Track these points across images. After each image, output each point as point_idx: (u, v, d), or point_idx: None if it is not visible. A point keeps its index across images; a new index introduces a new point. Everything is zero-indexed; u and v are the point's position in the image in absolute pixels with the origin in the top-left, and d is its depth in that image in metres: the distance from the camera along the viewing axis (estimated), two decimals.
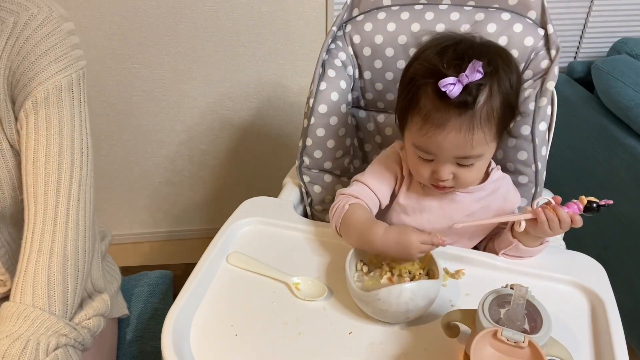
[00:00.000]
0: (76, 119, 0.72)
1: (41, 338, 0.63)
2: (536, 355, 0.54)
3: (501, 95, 0.74)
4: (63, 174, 0.70)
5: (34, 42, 0.68)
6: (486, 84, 0.72)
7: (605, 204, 0.74)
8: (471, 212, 0.87)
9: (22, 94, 0.69)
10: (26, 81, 0.68)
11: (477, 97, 0.71)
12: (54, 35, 0.69)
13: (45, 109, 0.69)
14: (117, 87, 1.59)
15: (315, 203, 1.05)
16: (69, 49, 0.71)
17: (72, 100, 0.72)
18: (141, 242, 1.94)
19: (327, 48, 0.98)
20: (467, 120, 0.72)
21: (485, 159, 0.80)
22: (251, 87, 1.64)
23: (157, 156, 1.75)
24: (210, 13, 1.49)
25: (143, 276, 1.07)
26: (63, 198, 0.70)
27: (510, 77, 0.76)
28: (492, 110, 0.73)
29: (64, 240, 0.69)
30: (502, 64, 0.75)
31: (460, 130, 0.72)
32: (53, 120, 0.70)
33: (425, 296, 0.68)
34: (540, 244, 0.80)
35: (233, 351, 0.67)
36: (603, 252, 1.43)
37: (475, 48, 0.75)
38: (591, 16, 1.62)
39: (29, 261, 0.67)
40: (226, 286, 0.78)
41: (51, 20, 0.70)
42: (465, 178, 0.79)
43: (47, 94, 0.69)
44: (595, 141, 1.44)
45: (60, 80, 0.70)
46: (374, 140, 1.11)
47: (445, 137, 0.73)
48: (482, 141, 0.75)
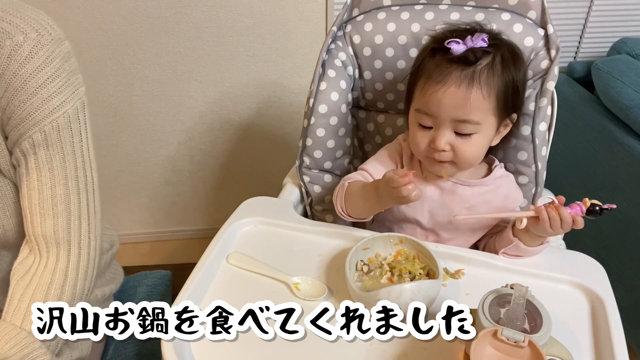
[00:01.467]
0: (78, 156, 0.68)
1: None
2: (536, 354, 0.54)
3: (504, 68, 0.78)
4: (72, 216, 0.69)
5: (23, 79, 0.60)
6: (489, 53, 0.77)
7: (609, 207, 0.74)
8: (471, 205, 0.88)
9: (14, 132, 0.63)
10: (18, 121, 0.62)
11: (479, 58, 0.76)
12: (45, 67, 0.61)
13: (45, 150, 0.65)
14: (117, 87, 1.59)
15: (315, 203, 1.05)
16: (64, 80, 0.64)
17: (72, 137, 0.66)
18: (141, 242, 1.94)
19: (327, 48, 0.98)
20: (467, 76, 0.76)
21: (483, 134, 0.80)
22: (251, 87, 1.64)
23: (157, 156, 1.75)
24: (210, 13, 1.49)
25: (142, 276, 1.07)
26: (74, 241, 0.70)
27: (515, 62, 0.80)
28: (493, 76, 0.77)
29: (74, 284, 0.70)
30: (507, 49, 0.80)
31: (459, 85, 0.76)
32: (55, 162, 0.66)
33: (425, 296, 0.68)
34: (541, 244, 0.80)
35: (233, 351, 0.67)
36: (603, 252, 1.43)
37: (485, 30, 0.80)
38: (591, 16, 1.62)
39: (29, 286, 0.68)
40: (226, 286, 0.78)
41: (41, 48, 0.61)
42: (464, 151, 0.79)
43: (44, 135, 0.63)
44: (595, 141, 1.44)
45: (57, 120, 0.63)
46: (374, 140, 1.11)
47: (445, 92, 0.76)
48: (480, 105, 0.77)
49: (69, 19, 1.44)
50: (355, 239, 0.81)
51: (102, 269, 0.91)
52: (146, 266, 1.70)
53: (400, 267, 0.75)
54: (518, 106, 0.84)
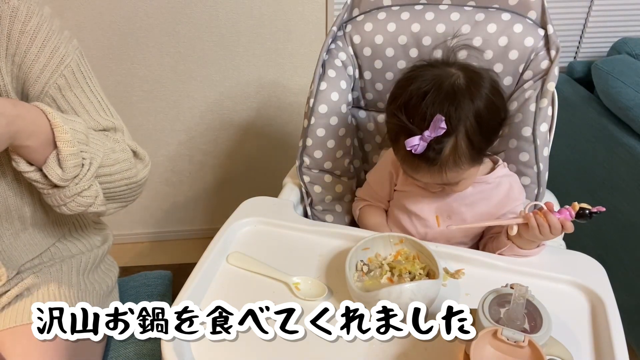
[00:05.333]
0: (96, 94, 0.78)
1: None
2: (536, 354, 0.54)
3: (468, 138, 0.76)
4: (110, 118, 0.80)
5: (30, 35, 0.68)
6: (451, 134, 0.75)
7: (598, 210, 0.74)
8: (471, 202, 0.89)
9: (37, 83, 0.70)
10: (38, 72, 0.69)
11: (441, 151, 0.76)
12: (43, 24, 0.69)
13: (70, 91, 0.73)
14: (117, 87, 1.59)
15: (315, 203, 1.05)
16: (59, 34, 0.72)
17: (84, 79, 0.75)
18: (141, 242, 1.94)
19: (328, 48, 0.98)
20: (435, 169, 0.78)
21: (470, 178, 0.84)
22: (251, 87, 1.64)
23: (157, 156, 1.75)
24: (210, 13, 1.49)
25: (142, 276, 1.07)
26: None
27: (478, 111, 0.76)
28: (460, 155, 0.77)
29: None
30: (468, 102, 0.76)
31: (432, 175, 0.79)
32: (83, 99, 0.75)
33: (425, 296, 0.68)
34: (538, 246, 0.81)
35: (233, 351, 0.67)
36: (603, 252, 1.43)
37: (440, 93, 0.75)
38: (591, 16, 1.62)
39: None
40: (226, 286, 0.78)
41: (33, 8, 0.69)
42: (454, 191, 0.86)
43: (65, 79, 0.72)
44: (595, 141, 1.44)
45: (70, 64, 0.72)
46: (374, 141, 1.11)
47: (422, 177, 0.81)
48: (457, 174, 0.79)
49: (69, 19, 1.44)
50: (355, 239, 0.81)
51: (97, 262, 0.93)
52: (146, 266, 1.70)
53: (400, 267, 0.75)
54: (498, 136, 0.84)
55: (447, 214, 0.90)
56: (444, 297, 0.75)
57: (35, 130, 0.63)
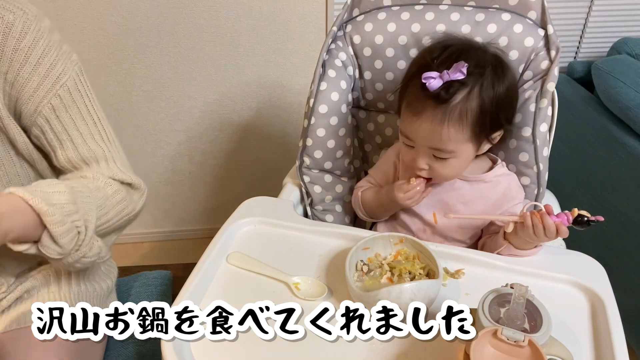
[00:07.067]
0: (92, 113, 0.75)
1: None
2: (536, 354, 0.54)
3: (481, 99, 0.77)
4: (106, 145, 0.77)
5: (24, 52, 0.66)
6: (467, 85, 0.76)
7: (596, 220, 0.74)
8: (467, 200, 0.89)
9: (30, 103, 0.68)
10: (31, 91, 0.68)
11: (453, 95, 0.75)
12: (40, 40, 0.67)
13: (65, 112, 0.71)
14: (117, 87, 1.59)
15: (315, 203, 1.05)
16: (57, 50, 0.70)
17: (82, 97, 0.73)
18: (141, 242, 1.94)
19: (328, 48, 0.98)
20: (440, 113, 0.77)
21: (461, 158, 0.83)
22: (251, 87, 1.64)
23: (157, 156, 1.75)
24: (210, 13, 1.49)
25: (142, 276, 1.07)
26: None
27: (497, 86, 0.78)
28: (467, 111, 0.77)
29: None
30: (491, 71, 0.78)
31: (432, 121, 0.77)
32: (77, 121, 0.73)
33: (425, 296, 0.68)
34: (535, 247, 0.81)
35: (233, 351, 0.67)
36: (603, 252, 1.43)
37: (469, 50, 0.79)
38: (591, 16, 1.62)
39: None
40: (226, 286, 0.78)
41: (30, 24, 0.67)
42: (439, 171, 0.84)
43: (60, 99, 0.70)
44: (595, 141, 1.44)
45: (67, 83, 0.70)
46: (374, 141, 1.11)
47: (420, 125, 0.79)
48: (453, 138, 0.78)
49: (69, 19, 1.44)
50: (355, 239, 0.81)
51: (97, 264, 0.91)
52: (146, 266, 1.70)
53: (400, 267, 0.75)
54: (500, 125, 0.83)
55: (445, 211, 0.90)
56: (444, 297, 0.75)
57: (21, 220, 0.60)
